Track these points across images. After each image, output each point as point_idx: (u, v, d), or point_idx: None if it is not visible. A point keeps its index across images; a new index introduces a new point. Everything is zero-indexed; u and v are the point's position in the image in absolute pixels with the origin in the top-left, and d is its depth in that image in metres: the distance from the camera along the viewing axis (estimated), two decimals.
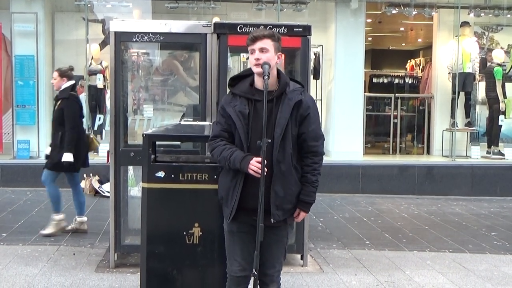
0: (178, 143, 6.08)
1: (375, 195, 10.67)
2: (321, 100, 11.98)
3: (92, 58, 11.45)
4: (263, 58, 3.77)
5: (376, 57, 19.24)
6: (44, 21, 11.25)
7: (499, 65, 11.91)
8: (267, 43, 3.82)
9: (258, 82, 3.86)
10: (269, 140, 3.66)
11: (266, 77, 3.71)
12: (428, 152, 12.99)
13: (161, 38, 5.88)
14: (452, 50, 12.23)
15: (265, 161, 3.62)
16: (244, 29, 5.69)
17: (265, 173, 3.61)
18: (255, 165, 3.66)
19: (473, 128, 12.55)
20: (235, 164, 3.74)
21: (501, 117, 12.01)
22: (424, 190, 10.95)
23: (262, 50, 3.79)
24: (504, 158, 11.86)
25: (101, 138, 11.61)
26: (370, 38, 16.71)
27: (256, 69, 3.79)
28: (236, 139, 3.84)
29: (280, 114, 3.74)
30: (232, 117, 3.80)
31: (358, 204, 9.93)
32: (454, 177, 11.10)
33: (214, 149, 3.89)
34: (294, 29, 5.90)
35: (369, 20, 13.75)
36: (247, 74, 3.95)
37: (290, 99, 3.80)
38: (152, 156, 4.76)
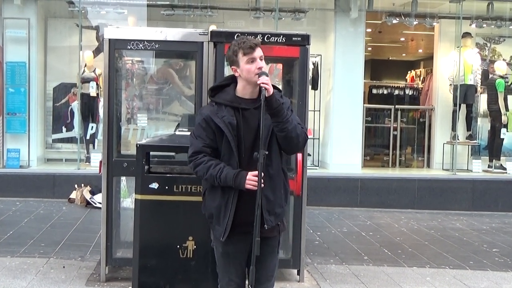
0: (173, 154, 6.07)
1: (373, 209, 10.65)
2: (319, 111, 11.99)
3: (86, 65, 11.43)
4: (265, 66, 3.81)
5: (376, 67, 19.27)
6: (36, 27, 11.24)
7: (501, 77, 11.91)
8: (262, 51, 3.84)
9: (244, 91, 3.86)
10: (267, 152, 3.66)
11: (267, 87, 3.69)
12: (428, 166, 12.97)
13: (156, 46, 5.88)
14: (454, 61, 12.26)
15: (262, 173, 3.62)
16: None
17: (261, 186, 3.61)
18: (253, 179, 3.66)
19: (475, 141, 12.55)
20: (227, 182, 3.72)
21: (503, 130, 12.01)
22: (424, 204, 10.92)
23: (261, 58, 3.81)
24: (506, 172, 11.86)
25: (94, 147, 11.60)
26: (370, 48, 16.74)
27: (258, 79, 3.70)
28: (224, 152, 3.81)
29: (266, 115, 3.71)
30: (222, 129, 3.77)
31: (357, 218, 9.91)
32: (455, 191, 11.09)
33: (197, 167, 3.83)
34: (293, 38, 5.90)
35: (369, 30, 13.78)
36: (226, 84, 3.95)
37: None
38: (146, 167, 4.76)
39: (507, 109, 11.97)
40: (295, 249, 6.11)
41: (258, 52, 3.80)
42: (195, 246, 4.67)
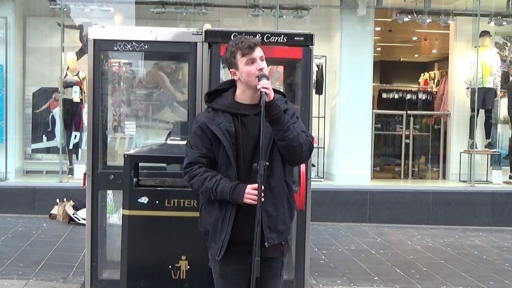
0: (164, 165, 6.07)
1: (384, 225, 10.65)
2: (324, 117, 12.00)
3: (68, 68, 11.45)
4: (266, 67, 3.79)
5: (385, 69, 19.32)
6: (14, 27, 11.26)
7: None
8: (262, 51, 3.85)
9: (244, 96, 3.87)
10: (267, 163, 3.65)
11: (267, 92, 3.69)
12: (444, 177, 12.98)
13: (146, 46, 5.88)
14: (471, 62, 12.26)
15: (262, 186, 3.61)
16: None
17: (262, 200, 3.60)
18: (252, 193, 3.65)
19: (494, 150, 12.56)
20: (224, 196, 3.72)
21: None
22: (439, 219, 10.92)
23: (262, 58, 3.81)
24: None
25: (77, 158, 11.60)
26: (379, 49, 16.79)
27: (258, 83, 3.71)
28: (222, 162, 3.82)
29: (266, 123, 3.71)
30: (219, 137, 3.78)
31: (366, 234, 9.91)
32: (473, 204, 11.09)
33: (192, 179, 3.84)
34: (295, 38, 5.90)
35: (378, 29, 13.82)
36: (224, 88, 3.95)
37: None
38: (134, 180, 4.75)
39: None
40: (299, 269, 6.10)
41: (258, 52, 3.80)
42: (188, 266, 4.66)
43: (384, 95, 15.42)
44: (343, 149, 11.52)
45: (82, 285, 6.44)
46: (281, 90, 6.13)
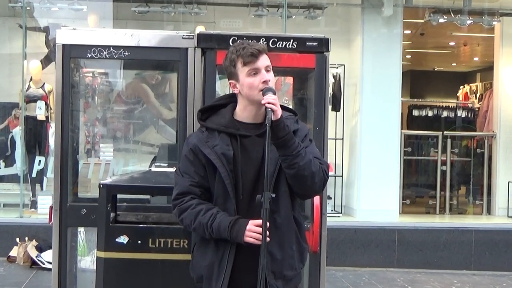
0: (148, 197, 6.08)
1: (416, 270, 10.63)
2: (342, 139, 12.00)
3: (31, 79, 11.48)
4: (272, 79, 3.80)
5: (417, 81, 19.37)
6: None
7: None
8: (269, 60, 3.85)
9: (245, 113, 3.88)
10: (273, 195, 3.63)
11: (274, 109, 3.68)
12: (488, 212, 12.97)
13: (126, 53, 5.89)
14: None
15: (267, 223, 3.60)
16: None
17: (267, 239, 3.59)
18: (254, 230, 3.65)
19: None
20: (221, 234, 3.71)
21: None
22: (483, 264, 10.91)
23: (268, 68, 3.81)
24: None
25: (42, 188, 11.59)
26: (409, 56, 16.85)
27: (263, 98, 3.70)
28: (218, 193, 3.83)
29: (272, 146, 3.69)
30: (214, 162, 3.78)
31: (393, 282, 9.89)
32: None
33: (183, 213, 3.84)
34: (307, 43, 5.92)
35: (407, 32, 13.86)
36: (221, 104, 3.98)
37: None
38: (112, 215, 4.75)
39: None
40: None
41: (263, 61, 3.80)
42: None
43: (416, 112, 15.46)
44: (366, 178, 11.52)
45: None
46: (290, 107, 6.16)
